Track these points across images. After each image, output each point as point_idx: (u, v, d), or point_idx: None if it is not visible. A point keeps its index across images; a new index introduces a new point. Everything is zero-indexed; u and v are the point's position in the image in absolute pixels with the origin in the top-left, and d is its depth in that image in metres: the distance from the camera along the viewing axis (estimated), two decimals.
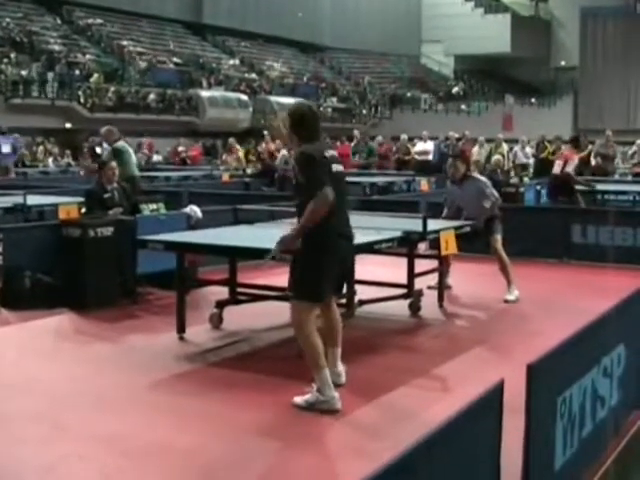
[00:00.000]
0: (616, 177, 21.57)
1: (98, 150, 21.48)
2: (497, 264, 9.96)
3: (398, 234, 8.41)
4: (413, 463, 2.88)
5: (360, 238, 8.13)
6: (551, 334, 7.11)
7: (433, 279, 9.76)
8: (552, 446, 4.18)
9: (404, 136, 26.34)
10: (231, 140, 26.99)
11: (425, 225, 8.44)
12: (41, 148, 29.45)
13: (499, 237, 9.97)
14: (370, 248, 8.16)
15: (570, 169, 15.01)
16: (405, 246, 8.89)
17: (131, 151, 13.22)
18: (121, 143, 13.17)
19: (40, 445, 5.40)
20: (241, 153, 26.15)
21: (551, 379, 4.07)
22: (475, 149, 23.71)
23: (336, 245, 6.19)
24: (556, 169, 15.18)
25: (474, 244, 10.12)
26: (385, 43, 54.04)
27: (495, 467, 3.71)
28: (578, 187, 15.19)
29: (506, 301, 9.77)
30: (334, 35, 53.24)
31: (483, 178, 10.55)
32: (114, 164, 10.80)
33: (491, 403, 3.61)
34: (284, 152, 21.57)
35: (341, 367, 6.59)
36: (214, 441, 5.52)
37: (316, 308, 6.28)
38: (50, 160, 28.44)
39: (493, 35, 52.41)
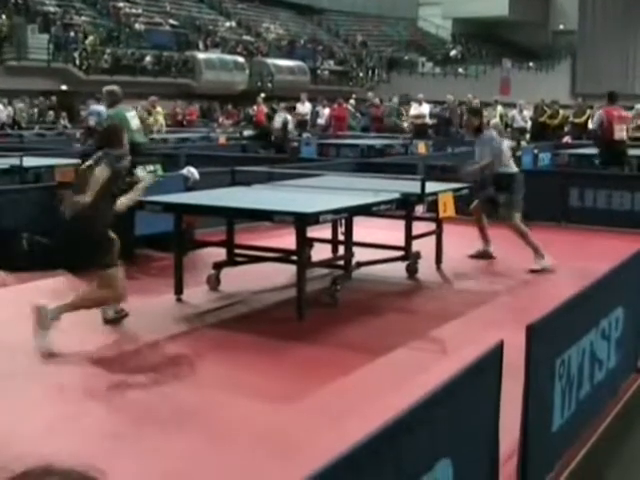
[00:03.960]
0: None
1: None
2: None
3: (396, 196, 8.41)
4: (413, 423, 2.89)
5: (358, 200, 8.17)
6: (549, 296, 7.14)
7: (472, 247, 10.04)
8: (550, 407, 4.19)
9: (395, 99, 26.31)
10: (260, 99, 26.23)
11: (423, 187, 8.43)
12: (37, 110, 29.31)
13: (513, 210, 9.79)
14: (368, 210, 8.17)
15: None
16: (403, 208, 8.87)
17: (130, 116, 12.05)
18: (113, 111, 11.96)
19: (39, 404, 5.42)
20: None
21: (550, 340, 4.07)
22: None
23: None
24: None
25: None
26: (383, 6, 53.73)
27: (494, 427, 3.72)
28: None
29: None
30: None
31: (494, 133, 10.40)
32: None
33: (491, 364, 3.61)
34: (284, 115, 21.48)
35: None
36: (212, 401, 5.54)
37: None
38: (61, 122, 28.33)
39: None
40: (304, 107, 26.39)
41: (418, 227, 9.35)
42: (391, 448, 2.74)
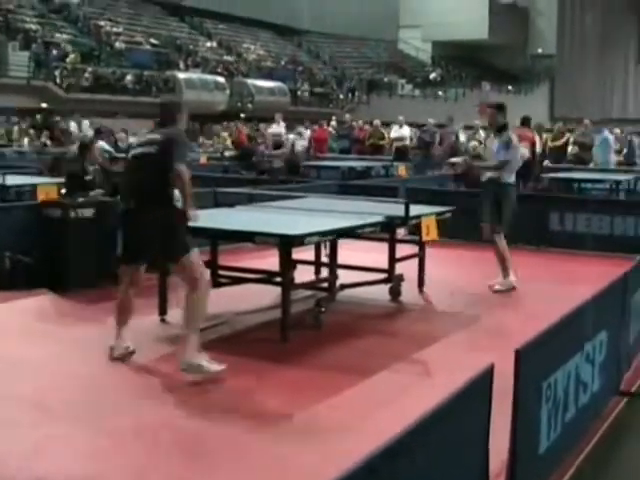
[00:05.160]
0: (591, 165, 21.65)
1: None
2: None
3: (380, 219, 8.46)
4: (408, 445, 2.92)
5: (343, 222, 8.21)
6: (529, 320, 7.21)
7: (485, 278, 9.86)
8: (537, 430, 4.23)
9: (377, 121, 26.37)
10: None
11: (407, 210, 8.48)
12: (16, 128, 29.19)
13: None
14: (353, 232, 8.22)
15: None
16: (386, 231, 8.92)
17: None
18: None
19: (25, 426, 5.39)
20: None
21: (538, 364, 4.12)
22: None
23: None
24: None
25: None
26: (363, 28, 53.94)
27: (484, 449, 3.76)
28: None
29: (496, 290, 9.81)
30: (312, 19, 53.08)
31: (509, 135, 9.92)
32: (98, 145, 10.77)
33: (481, 387, 3.65)
34: (293, 136, 21.65)
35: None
36: (197, 423, 5.55)
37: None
38: (26, 140, 28.16)
39: (471, 21, 52.41)
40: (279, 127, 26.11)
41: (401, 249, 9.40)
42: (386, 471, 2.77)
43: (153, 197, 6.58)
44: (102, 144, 14.45)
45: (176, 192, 6.65)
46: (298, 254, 8.61)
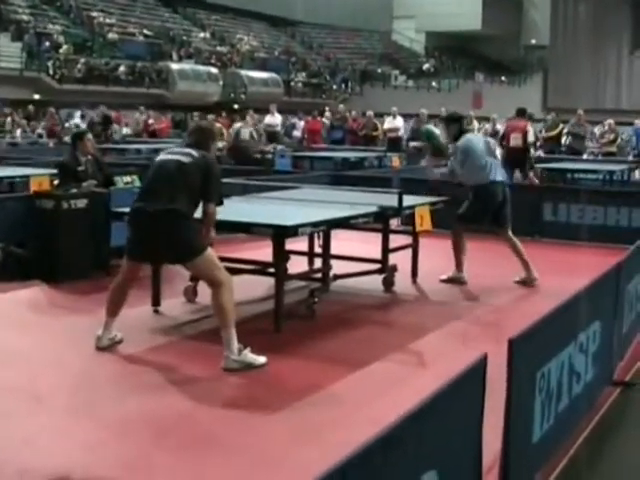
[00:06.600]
0: (584, 156, 21.69)
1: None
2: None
3: (374, 209, 8.45)
4: (401, 436, 2.91)
5: (336, 213, 8.21)
6: (522, 311, 7.22)
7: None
8: (531, 420, 4.23)
9: (370, 112, 26.36)
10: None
11: (401, 201, 8.48)
12: (9, 119, 29.11)
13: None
14: (346, 223, 8.22)
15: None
16: (380, 221, 8.92)
17: None
18: None
19: (18, 418, 5.39)
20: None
21: (531, 354, 4.12)
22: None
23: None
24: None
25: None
26: (357, 18, 53.82)
27: (477, 439, 3.76)
28: None
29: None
30: (306, 9, 52.87)
31: (462, 141, 9.69)
32: (91, 136, 10.74)
33: (475, 377, 3.65)
34: (238, 125, 21.52)
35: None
36: (193, 413, 5.54)
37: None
38: (18, 132, 28.08)
39: (465, 12, 52.25)
40: (274, 118, 26.08)
41: (394, 240, 9.39)
42: (379, 461, 2.76)
43: (172, 202, 6.55)
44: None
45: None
46: (291, 245, 8.61)
